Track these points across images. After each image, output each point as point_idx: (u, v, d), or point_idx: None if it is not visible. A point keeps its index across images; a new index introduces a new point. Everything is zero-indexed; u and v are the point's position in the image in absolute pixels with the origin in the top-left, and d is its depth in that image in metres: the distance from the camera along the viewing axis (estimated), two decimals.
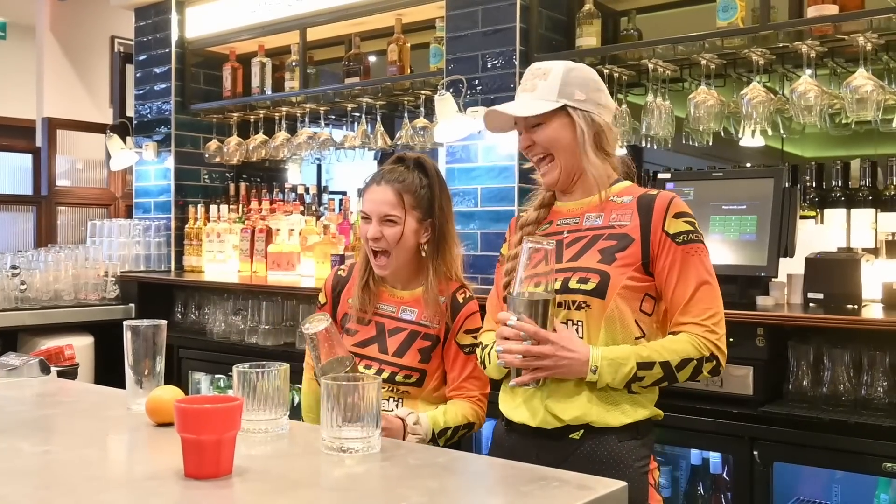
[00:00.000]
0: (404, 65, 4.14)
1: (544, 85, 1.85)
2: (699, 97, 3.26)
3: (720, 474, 2.80)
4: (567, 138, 1.85)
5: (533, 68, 1.91)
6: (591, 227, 1.87)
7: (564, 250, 1.86)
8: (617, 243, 1.81)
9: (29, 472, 1.43)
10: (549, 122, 1.85)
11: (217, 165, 5.15)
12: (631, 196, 1.87)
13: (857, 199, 3.07)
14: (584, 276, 1.79)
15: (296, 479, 1.38)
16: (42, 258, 4.57)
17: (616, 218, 1.85)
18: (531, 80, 1.88)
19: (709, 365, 1.76)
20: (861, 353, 2.55)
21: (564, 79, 1.85)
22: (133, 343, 1.84)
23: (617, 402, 1.79)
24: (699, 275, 1.79)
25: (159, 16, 5.11)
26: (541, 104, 1.84)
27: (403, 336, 2.14)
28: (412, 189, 2.14)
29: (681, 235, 1.80)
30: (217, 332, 4.31)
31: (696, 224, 1.84)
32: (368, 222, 2.14)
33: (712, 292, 1.80)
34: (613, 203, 1.87)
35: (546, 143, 1.86)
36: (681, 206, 1.83)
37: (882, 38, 2.93)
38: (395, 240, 2.12)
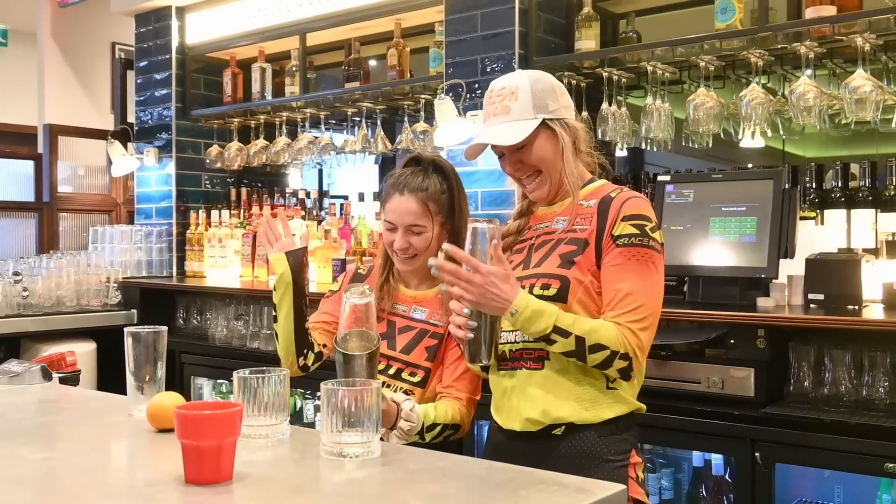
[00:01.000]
0: (404, 69, 4.15)
1: (517, 105, 1.85)
2: (698, 99, 3.26)
3: (722, 476, 2.80)
4: (552, 151, 1.87)
5: (497, 89, 1.89)
6: (556, 230, 1.89)
7: (532, 255, 1.90)
8: (576, 248, 1.83)
9: (30, 479, 1.43)
10: (534, 140, 1.85)
11: (218, 171, 5.16)
12: (596, 199, 1.87)
13: (857, 199, 3.07)
14: (546, 283, 1.81)
15: (296, 485, 1.38)
16: (44, 264, 4.58)
17: (579, 222, 1.86)
18: (500, 103, 1.87)
19: (621, 362, 1.74)
20: (862, 354, 2.55)
21: (535, 93, 1.85)
22: (134, 349, 1.84)
23: (597, 399, 1.81)
24: (634, 278, 1.77)
25: (160, 22, 5.12)
26: (522, 126, 1.84)
27: (413, 334, 2.18)
28: (435, 196, 2.15)
29: (623, 238, 1.79)
30: (219, 337, 4.31)
31: (649, 228, 1.80)
32: (393, 231, 2.15)
33: (644, 297, 1.77)
34: (580, 207, 1.88)
35: (536, 161, 1.87)
36: (634, 207, 1.82)
37: (881, 39, 2.93)
38: (424, 247, 2.15)
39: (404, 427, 1.95)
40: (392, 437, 1.96)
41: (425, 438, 1.99)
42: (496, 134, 1.87)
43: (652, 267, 1.79)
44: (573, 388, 1.81)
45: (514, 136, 1.84)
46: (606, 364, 1.74)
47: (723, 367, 2.66)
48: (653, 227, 1.81)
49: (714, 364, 2.69)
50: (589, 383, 1.81)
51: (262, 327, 4.11)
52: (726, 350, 2.70)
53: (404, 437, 1.95)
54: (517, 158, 1.88)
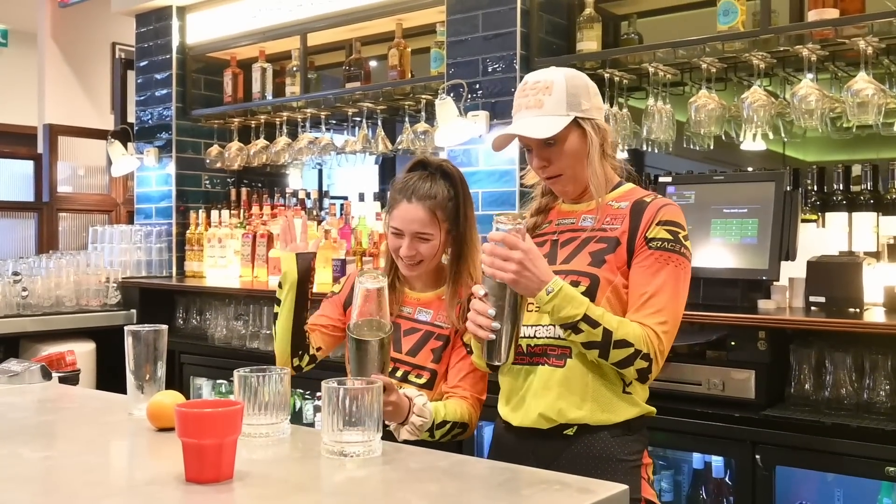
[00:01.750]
0: (405, 69, 4.15)
1: (550, 100, 1.82)
2: (700, 101, 3.26)
3: (722, 478, 2.79)
4: (581, 151, 1.85)
5: (531, 82, 1.87)
6: (585, 227, 1.88)
7: (559, 250, 1.88)
8: (607, 246, 1.82)
9: (30, 479, 1.43)
10: (566, 138, 1.84)
11: (218, 171, 5.15)
12: (628, 202, 1.87)
13: (858, 202, 3.06)
14: (576, 280, 1.79)
15: (297, 484, 1.38)
16: (44, 264, 4.58)
17: (609, 221, 1.86)
18: (534, 96, 1.84)
19: (642, 363, 1.73)
20: (863, 357, 2.54)
21: (569, 89, 1.83)
22: (134, 348, 1.84)
23: (612, 402, 1.80)
24: (662, 281, 1.77)
25: (160, 22, 5.12)
26: (554, 121, 1.81)
27: (418, 336, 2.17)
28: (443, 204, 2.14)
29: (657, 242, 1.79)
30: (218, 337, 4.31)
31: (682, 236, 1.81)
32: (399, 237, 2.14)
33: (670, 302, 1.77)
34: (610, 208, 1.88)
35: (563, 160, 1.85)
36: (670, 214, 1.82)
37: (883, 42, 2.93)
38: (431, 254, 2.15)
39: (416, 422, 1.94)
40: (403, 433, 1.95)
41: (434, 436, 1.98)
42: (527, 126, 1.84)
43: (681, 273, 1.79)
44: (592, 389, 1.79)
45: (544, 130, 1.81)
46: (627, 362, 1.72)
47: (723, 369, 2.65)
48: (685, 235, 1.82)
49: (715, 366, 2.68)
50: (606, 387, 1.80)
51: (261, 327, 4.11)
52: (727, 352, 2.69)
53: (415, 432, 1.94)
54: (545, 155, 1.86)
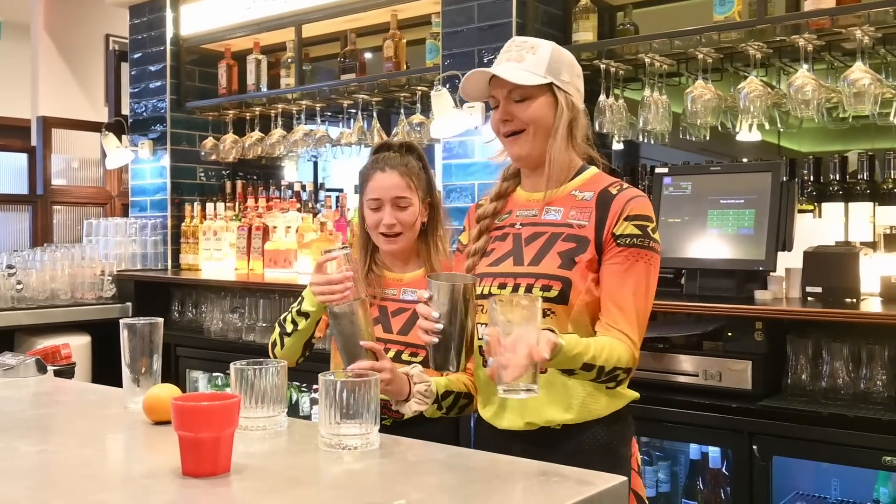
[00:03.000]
0: (400, 61, 4.13)
1: (533, 58, 1.79)
2: (696, 91, 3.25)
3: (719, 469, 2.80)
4: (547, 117, 1.80)
5: (518, 40, 1.85)
6: (549, 221, 1.82)
7: (524, 248, 1.82)
8: (576, 246, 1.77)
9: (25, 472, 1.42)
10: (535, 98, 1.79)
11: (213, 163, 5.13)
12: (592, 192, 1.81)
13: (854, 192, 3.06)
14: (547, 284, 1.75)
15: (294, 477, 1.37)
16: (38, 257, 4.56)
17: (575, 216, 1.80)
18: (517, 52, 1.81)
19: (623, 375, 1.72)
20: (860, 347, 2.55)
21: (553, 55, 1.80)
22: (130, 341, 1.83)
23: (597, 400, 1.77)
24: (634, 282, 1.74)
25: (154, 13, 5.09)
26: (531, 76, 1.77)
27: (407, 315, 2.17)
28: (415, 172, 2.21)
29: (625, 238, 1.74)
30: (214, 330, 4.30)
31: (650, 229, 1.77)
32: (378, 210, 2.17)
33: (642, 302, 1.74)
34: (574, 199, 1.82)
35: (528, 118, 1.80)
36: (637, 207, 1.77)
37: (879, 32, 2.93)
38: (411, 222, 2.18)
39: (420, 389, 1.92)
40: (412, 405, 1.92)
41: (442, 407, 1.96)
42: (501, 68, 1.79)
43: (651, 270, 1.76)
44: (577, 390, 1.76)
45: (519, 77, 1.77)
46: (612, 379, 1.70)
47: (720, 360, 2.66)
48: (653, 227, 1.78)
49: (712, 357, 2.68)
50: (593, 385, 1.75)
51: (257, 320, 4.10)
52: (724, 343, 2.69)
53: (423, 400, 1.92)
54: (510, 110, 1.81)
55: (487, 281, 1.83)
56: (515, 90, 1.79)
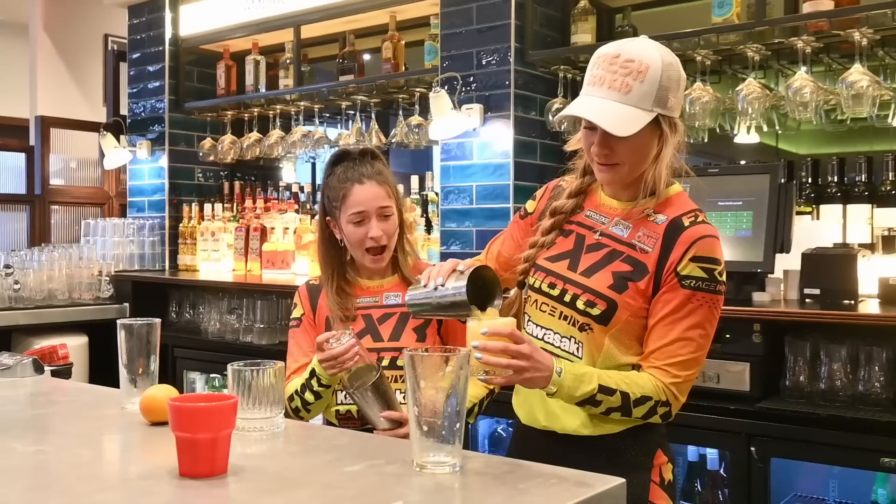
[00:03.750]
0: (399, 62, 4.14)
1: (640, 87, 1.61)
2: (694, 93, 3.25)
3: (717, 471, 2.79)
4: (648, 147, 1.67)
5: (625, 57, 1.63)
6: (615, 236, 1.74)
7: (583, 254, 1.75)
8: (633, 270, 1.69)
9: (22, 473, 1.42)
10: (638, 135, 1.63)
11: (211, 164, 5.13)
12: (666, 217, 1.70)
13: (853, 194, 3.06)
14: (592, 300, 1.69)
15: (292, 478, 1.37)
16: (36, 257, 4.56)
17: (641, 238, 1.70)
18: (623, 77, 1.62)
19: (663, 409, 1.66)
20: (858, 349, 2.55)
21: (663, 81, 1.63)
22: (127, 342, 1.82)
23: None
24: (691, 324, 1.65)
25: (153, 13, 5.09)
26: (635, 117, 1.62)
27: (395, 320, 2.15)
28: (389, 179, 2.17)
29: (689, 280, 1.65)
30: (212, 331, 4.30)
31: (717, 272, 1.66)
32: (361, 224, 2.11)
33: (695, 346, 1.66)
34: (646, 220, 1.72)
35: (627, 155, 1.67)
36: (705, 248, 1.66)
37: (878, 34, 2.93)
38: (393, 232, 2.15)
39: None
40: None
41: (469, 422, 1.97)
42: (603, 113, 1.63)
43: (713, 312, 1.67)
44: None
45: (622, 126, 1.61)
46: (650, 413, 1.66)
47: (718, 362, 2.65)
48: (721, 270, 1.68)
49: (710, 358, 2.64)
50: None
51: (254, 321, 4.09)
52: (722, 344, 2.68)
53: None
54: (610, 143, 1.66)
55: (540, 275, 1.78)
56: None
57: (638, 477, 1.70)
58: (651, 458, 1.75)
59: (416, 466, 1.36)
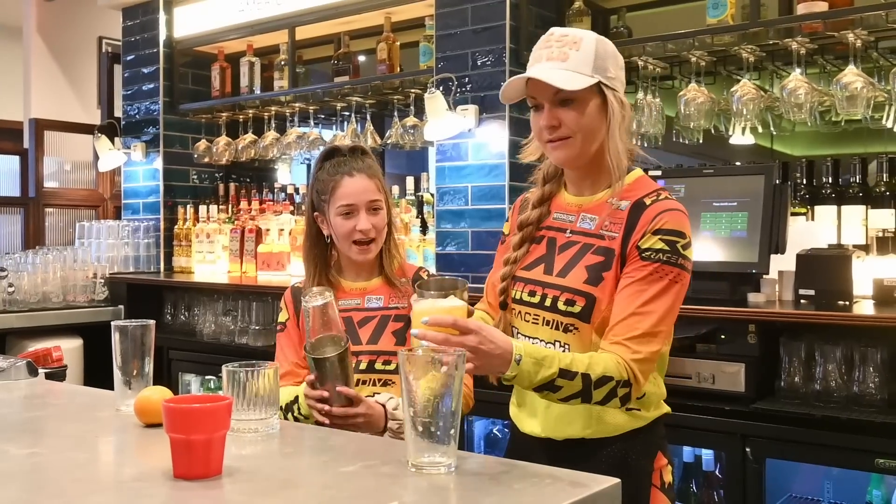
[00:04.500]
0: (394, 63, 4.13)
1: (577, 55, 1.64)
2: (689, 94, 3.26)
3: (712, 471, 2.80)
4: (597, 121, 1.67)
5: (559, 34, 1.68)
6: (582, 230, 1.73)
7: (556, 256, 1.75)
8: (604, 259, 1.68)
9: (16, 475, 1.41)
10: (584, 101, 1.65)
11: (206, 166, 5.13)
12: (629, 201, 1.70)
13: (847, 195, 3.07)
14: (571, 298, 1.68)
15: (286, 479, 1.37)
16: (30, 260, 4.54)
17: (608, 227, 1.70)
18: (559, 48, 1.65)
19: (623, 391, 1.58)
20: (853, 350, 2.55)
21: (598, 51, 1.66)
22: (121, 344, 1.82)
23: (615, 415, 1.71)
24: (650, 297, 1.61)
25: (147, 15, 5.09)
26: (579, 77, 1.63)
27: (374, 323, 2.14)
28: (379, 173, 2.18)
29: (649, 252, 1.63)
30: (207, 333, 4.29)
31: (681, 245, 1.64)
32: (350, 217, 2.11)
33: (656, 320, 1.60)
34: (610, 207, 1.71)
35: (577, 125, 1.66)
36: (669, 222, 1.64)
37: (872, 36, 2.94)
38: (383, 225, 2.15)
39: (394, 427, 1.93)
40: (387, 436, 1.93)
41: None
42: (547, 72, 1.64)
43: (674, 287, 1.63)
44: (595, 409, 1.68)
45: (567, 82, 1.62)
46: (610, 396, 1.58)
47: (714, 363, 2.66)
48: (685, 243, 1.65)
49: (705, 359, 2.68)
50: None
51: (250, 323, 4.09)
52: (717, 345, 2.69)
53: (396, 436, 1.92)
54: (557, 114, 1.66)
55: (520, 286, 1.78)
56: (561, 92, 1.65)
57: (639, 483, 1.70)
58: (652, 462, 1.74)
59: (411, 467, 1.36)
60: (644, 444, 1.73)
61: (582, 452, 1.71)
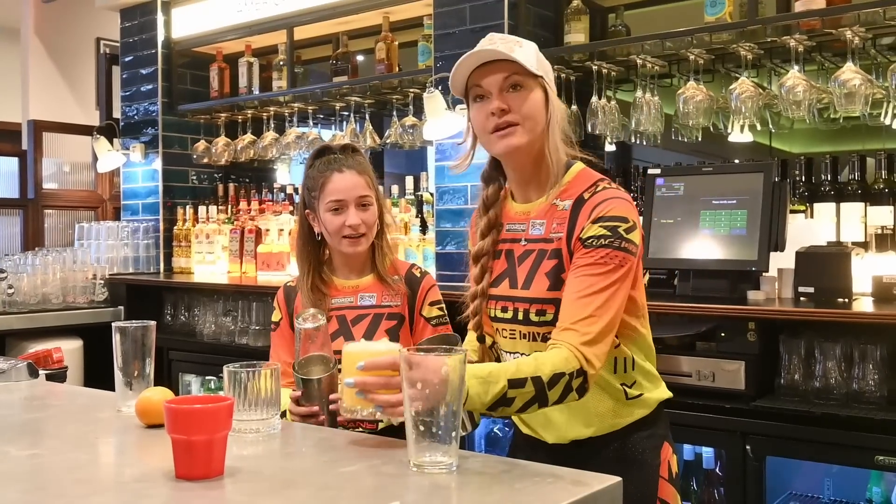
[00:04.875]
0: (392, 63, 4.14)
1: (522, 51, 1.65)
2: (688, 92, 3.26)
3: (713, 469, 2.80)
4: (542, 114, 1.68)
5: (499, 35, 1.69)
6: (535, 237, 1.72)
7: (517, 268, 1.73)
8: (557, 262, 1.66)
9: (17, 476, 1.41)
10: (532, 90, 1.67)
11: (205, 166, 5.12)
12: (570, 200, 1.68)
13: (846, 192, 3.07)
14: (541, 308, 1.66)
15: (288, 480, 1.37)
16: (30, 261, 4.54)
17: (555, 229, 1.68)
18: (503, 43, 1.66)
19: (577, 381, 1.53)
20: (852, 347, 2.55)
21: (538, 55, 1.69)
22: (122, 344, 1.82)
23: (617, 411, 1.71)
24: (594, 279, 1.58)
25: (145, 16, 5.08)
26: (529, 65, 1.65)
27: (367, 322, 2.15)
28: (369, 170, 2.20)
29: (591, 239, 1.61)
30: (207, 333, 4.29)
31: (623, 229, 1.60)
32: (339, 213, 2.13)
33: (602, 301, 1.57)
34: (556, 209, 1.70)
35: (526, 111, 1.66)
36: (608, 208, 1.62)
37: (870, 33, 2.94)
38: (372, 222, 2.17)
39: None
40: None
41: None
42: (500, 46, 1.64)
43: (619, 270, 1.59)
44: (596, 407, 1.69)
45: (521, 57, 1.63)
46: (566, 392, 1.53)
47: (713, 361, 2.66)
48: (628, 227, 1.62)
49: (705, 357, 2.69)
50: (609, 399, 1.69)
51: (250, 323, 4.09)
52: (717, 343, 2.70)
53: None
54: (507, 99, 1.66)
55: (492, 304, 1.76)
56: (512, 77, 1.65)
57: (647, 476, 1.70)
58: (659, 454, 1.74)
59: (412, 466, 1.36)
60: (650, 437, 1.73)
61: (588, 452, 1.71)
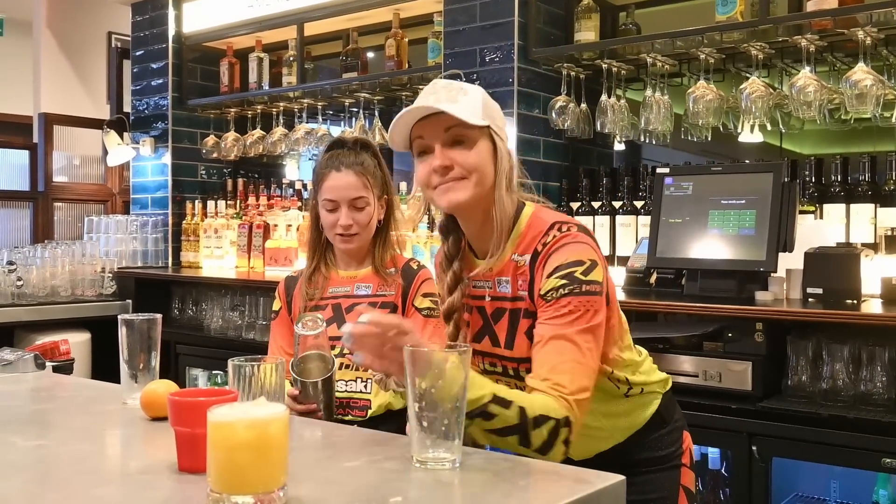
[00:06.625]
0: (402, 59, 4.14)
1: (466, 99, 1.57)
2: (698, 92, 3.25)
3: (719, 470, 2.79)
4: (489, 165, 1.60)
5: (443, 83, 1.60)
6: (503, 295, 1.66)
7: (494, 326, 1.67)
8: (532, 322, 1.58)
9: (22, 467, 1.42)
10: (476, 142, 1.58)
11: (214, 161, 5.14)
12: (528, 254, 1.61)
13: (856, 194, 3.05)
14: (529, 367, 1.57)
15: (290, 473, 1.37)
16: (39, 254, 4.56)
17: (522, 286, 1.62)
18: (447, 93, 1.57)
19: (564, 431, 1.45)
20: (860, 349, 2.54)
21: (485, 100, 1.61)
22: (128, 337, 1.82)
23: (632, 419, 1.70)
24: (563, 329, 1.50)
25: (156, 11, 5.10)
26: (473, 116, 1.56)
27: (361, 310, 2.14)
28: (370, 170, 2.20)
29: (550, 293, 1.53)
30: (214, 327, 4.30)
31: (580, 272, 1.53)
32: (333, 211, 2.17)
33: (575, 352, 1.49)
34: (516, 266, 1.63)
35: (471, 165, 1.57)
36: (561, 258, 1.54)
37: (882, 33, 2.92)
38: (366, 222, 2.19)
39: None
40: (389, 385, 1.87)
41: None
42: (445, 105, 1.54)
43: (586, 315, 1.51)
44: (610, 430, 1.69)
45: (465, 113, 1.54)
46: (552, 437, 1.44)
47: (721, 361, 2.65)
48: (585, 268, 1.53)
49: (712, 357, 2.68)
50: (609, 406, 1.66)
51: (257, 318, 4.10)
52: (724, 343, 2.69)
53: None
54: (449, 156, 1.57)
55: (477, 359, 1.71)
56: (454, 130, 1.57)
57: (672, 467, 1.72)
58: (681, 445, 1.76)
59: (415, 462, 1.35)
60: (667, 434, 1.74)
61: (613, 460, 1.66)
